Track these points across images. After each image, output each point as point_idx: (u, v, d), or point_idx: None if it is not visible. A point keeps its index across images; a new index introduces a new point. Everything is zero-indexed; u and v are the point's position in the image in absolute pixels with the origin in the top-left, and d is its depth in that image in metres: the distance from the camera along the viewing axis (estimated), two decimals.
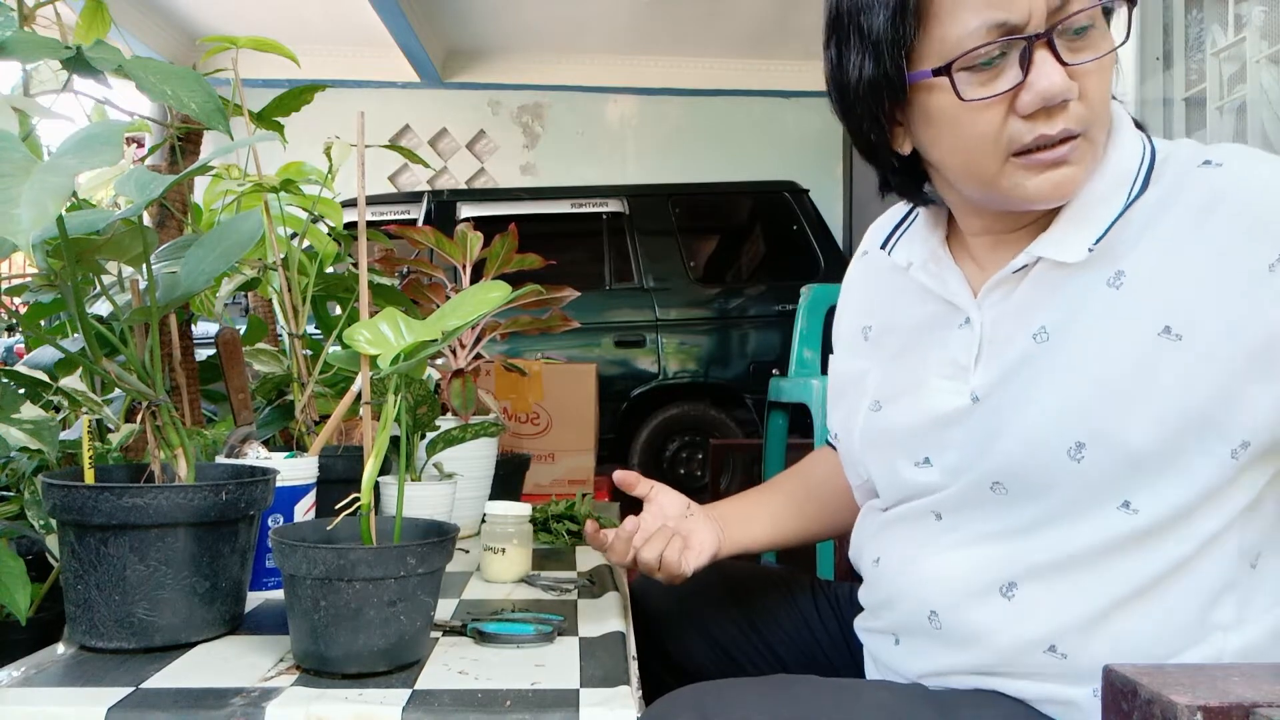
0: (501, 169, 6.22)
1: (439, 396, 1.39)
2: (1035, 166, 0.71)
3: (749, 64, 6.03)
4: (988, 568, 0.77)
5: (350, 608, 0.75)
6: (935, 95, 0.73)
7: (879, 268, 0.93)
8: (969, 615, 0.78)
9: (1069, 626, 0.73)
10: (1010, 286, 0.78)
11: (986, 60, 0.69)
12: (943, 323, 0.83)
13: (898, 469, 0.84)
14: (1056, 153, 0.71)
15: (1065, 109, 0.70)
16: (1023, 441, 0.73)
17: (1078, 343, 0.72)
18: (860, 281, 0.97)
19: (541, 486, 2.03)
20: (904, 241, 0.88)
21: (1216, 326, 0.67)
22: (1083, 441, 0.70)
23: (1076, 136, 0.71)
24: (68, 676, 0.76)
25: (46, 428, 0.97)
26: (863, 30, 0.73)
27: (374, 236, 1.48)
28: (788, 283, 4.06)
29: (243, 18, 5.36)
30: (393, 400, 0.82)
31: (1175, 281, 0.69)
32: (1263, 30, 1.86)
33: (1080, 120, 0.70)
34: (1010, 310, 0.77)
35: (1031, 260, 0.75)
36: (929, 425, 0.81)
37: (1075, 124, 0.70)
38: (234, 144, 0.82)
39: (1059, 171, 0.71)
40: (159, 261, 1.01)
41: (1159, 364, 0.69)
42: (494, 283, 0.84)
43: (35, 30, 0.96)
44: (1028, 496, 0.74)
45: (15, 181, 0.62)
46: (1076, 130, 0.70)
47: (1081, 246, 0.73)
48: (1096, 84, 0.70)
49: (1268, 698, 0.50)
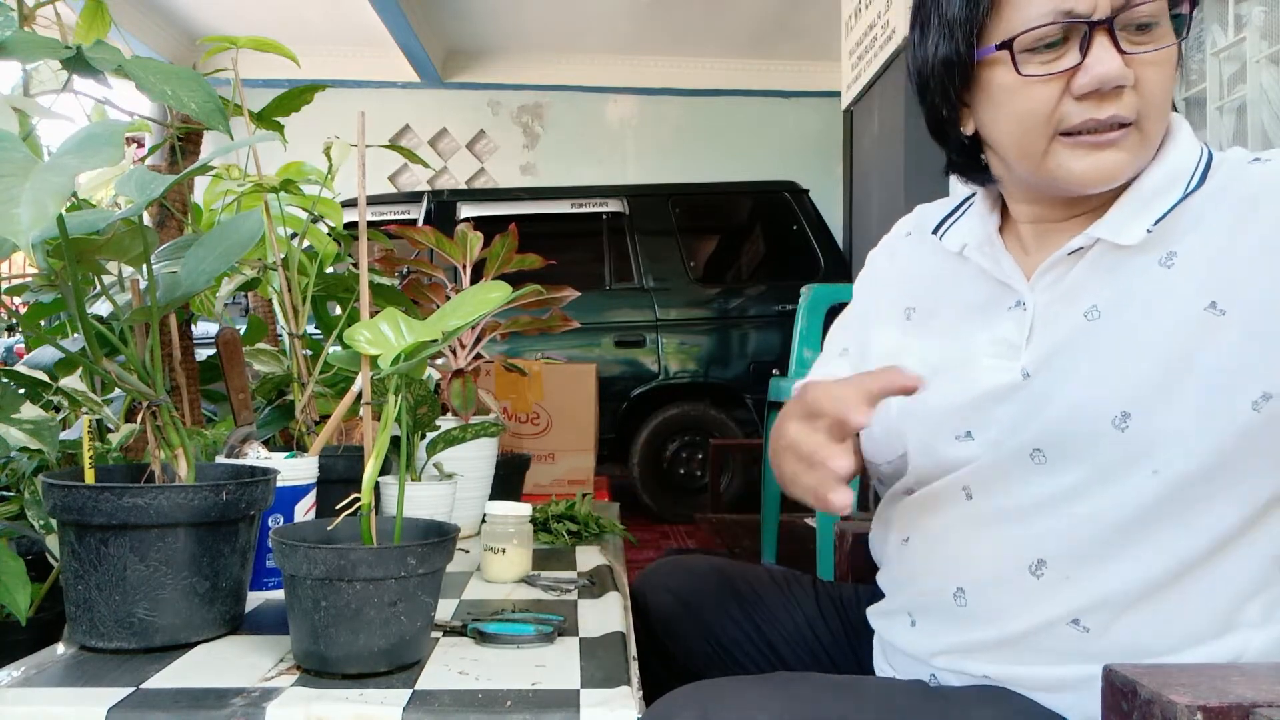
0: (501, 169, 6.22)
1: (439, 396, 1.39)
2: (1081, 148, 0.74)
3: (749, 64, 6.03)
4: (1019, 547, 0.78)
5: (350, 608, 0.75)
6: (998, 71, 0.77)
7: (923, 252, 0.94)
8: (995, 592, 0.79)
9: (1096, 602, 0.75)
10: (1064, 269, 0.80)
11: (1050, 42, 0.73)
12: (994, 304, 0.84)
13: (936, 444, 0.84)
14: (1104, 136, 0.73)
15: (1118, 96, 0.73)
16: (1069, 409, 0.75)
17: (1128, 318, 0.75)
18: (904, 262, 0.97)
19: (541, 486, 2.03)
20: (957, 229, 0.90)
21: (1259, 301, 0.70)
22: (1128, 411, 0.72)
23: (1127, 125, 0.73)
24: (68, 676, 0.76)
25: (46, 428, 0.97)
26: (942, 12, 0.79)
27: (374, 236, 1.48)
28: (788, 283, 4.07)
29: (243, 18, 5.36)
30: (393, 400, 0.82)
31: (1223, 263, 0.72)
32: (1263, 30, 1.86)
33: (1132, 109, 0.73)
34: (1063, 292, 0.79)
35: (1089, 243, 0.78)
36: (976, 401, 0.82)
37: (1127, 112, 0.73)
38: (234, 144, 0.82)
39: (1104, 155, 0.74)
40: (159, 261, 1.01)
41: (1204, 338, 0.71)
42: (494, 283, 0.84)
43: (35, 30, 0.96)
44: (1066, 464, 0.75)
45: (15, 181, 0.62)
46: (1127, 118, 0.73)
47: (1140, 229, 0.75)
48: (1154, 75, 0.73)
49: (1268, 698, 0.50)
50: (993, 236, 0.86)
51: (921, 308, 0.91)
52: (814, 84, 6.03)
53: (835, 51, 4.48)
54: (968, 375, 0.83)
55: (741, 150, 6.07)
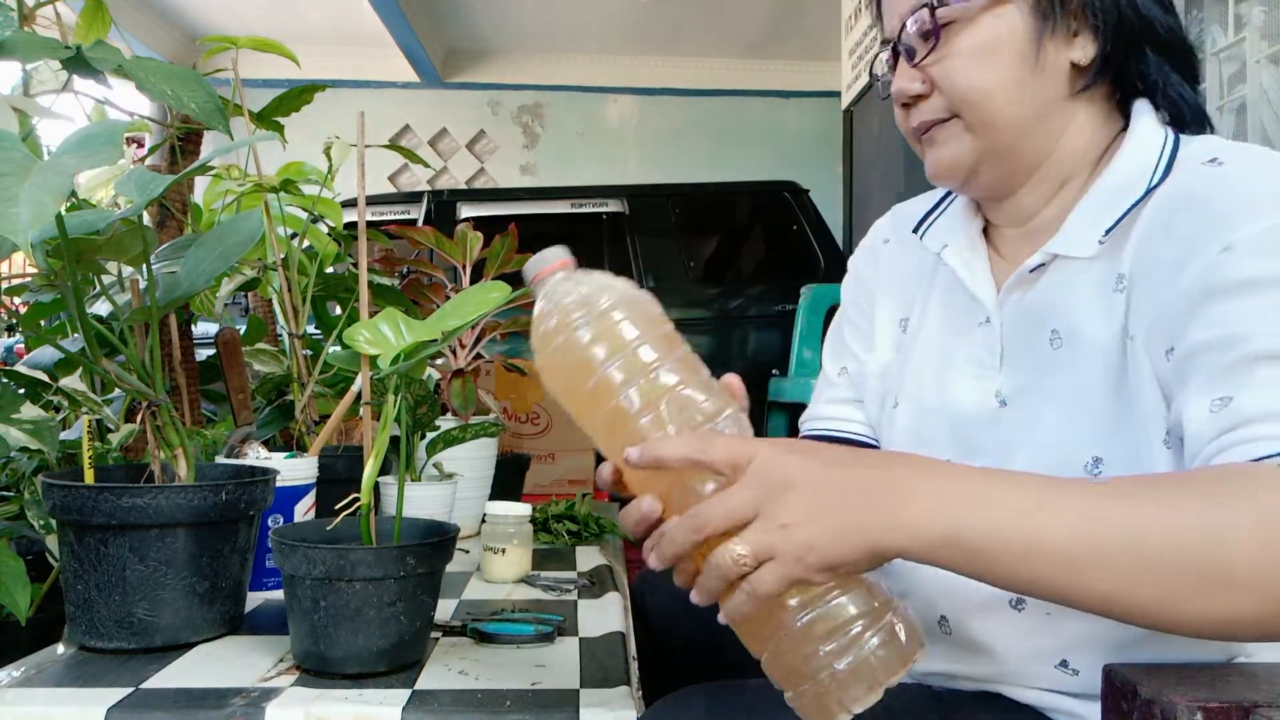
0: (501, 169, 6.22)
1: (439, 396, 1.39)
2: (924, 145, 0.80)
3: (749, 64, 6.03)
4: None
5: (350, 608, 0.75)
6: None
7: (906, 255, 0.92)
8: (979, 624, 0.76)
9: (1080, 641, 0.72)
10: (1028, 286, 0.77)
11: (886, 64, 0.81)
12: (967, 317, 0.82)
13: None
14: (928, 135, 0.79)
15: (919, 103, 0.78)
16: (1041, 456, 0.72)
17: (1086, 350, 0.71)
18: (890, 270, 0.93)
19: (541, 486, 2.03)
20: (938, 226, 0.87)
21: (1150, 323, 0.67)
22: (1100, 457, 0.69)
23: (947, 120, 0.77)
24: (68, 676, 0.76)
25: (46, 428, 0.97)
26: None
27: (374, 236, 1.48)
28: (788, 283, 4.06)
29: (243, 18, 5.36)
30: (393, 400, 0.82)
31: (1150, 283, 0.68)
32: (1263, 30, 1.86)
33: (939, 109, 0.77)
34: (1026, 311, 0.77)
35: (1047, 259, 0.75)
36: (957, 425, 0.80)
37: (932, 114, 0.77)
38: (234, 144, 0.82)
39: (934, 151, 0.79)
40: (159, 261, 1.01)
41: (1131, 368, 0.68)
42: (494, 283, 0.84)
43: (35, 30, 0.96)
44: None
45: (15, 181, 0.62)
46: (937, 118, 0.77)
47: (1092, 239, 0.72)
48: (949, 72, 0.75)
49: (1268, 698, 0.50)
50: (975, 240, 0.83)
51: (914, 317, 0.89)
52: (814, 84, 6.03)
53: (835, 51, 4.47)
54: (948, 395, 0.81)
55: (741, 150, 6.06)
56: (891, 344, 0.90)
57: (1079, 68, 0.75)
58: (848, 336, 0.96)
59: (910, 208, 0.94)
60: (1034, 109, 0.75)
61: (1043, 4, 0.73)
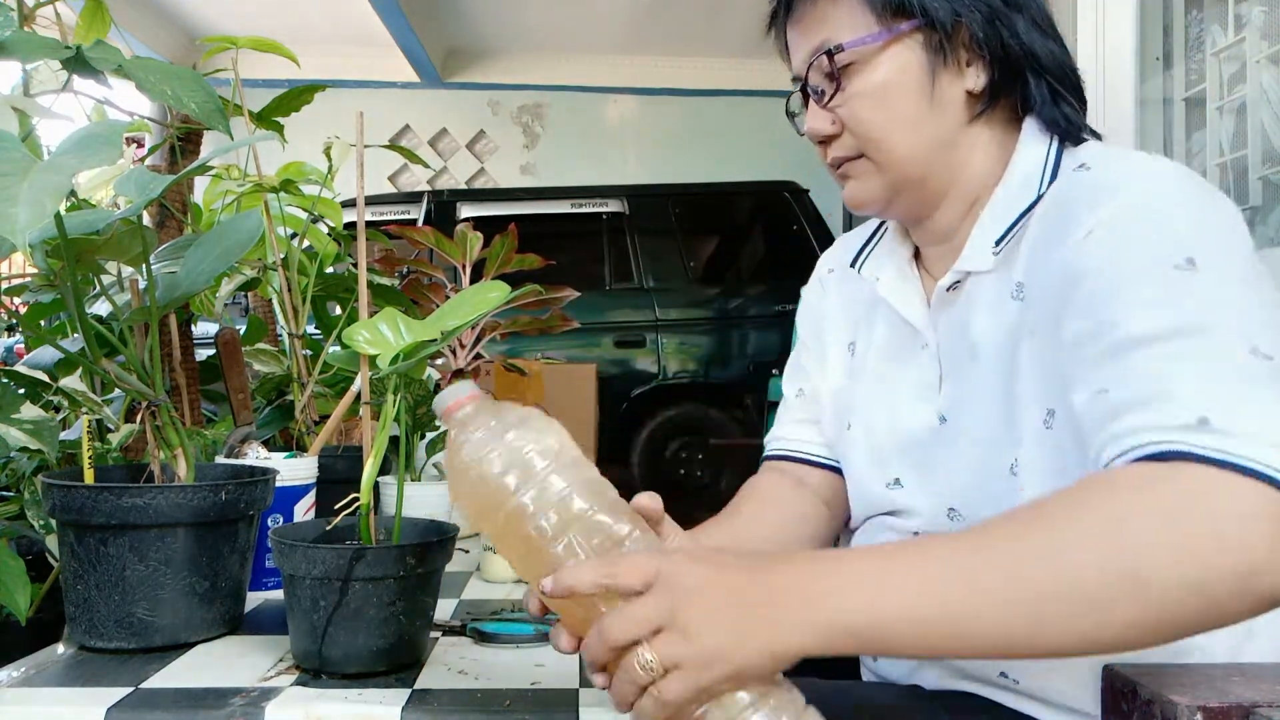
0: (501, 169, 6.22)
1: None
2: (840, 179, 0.83)
3: (749, 64, 6.03)
4: None
5: (350, 608, 0.75)
6: None
7: (848, 287, 0.95)
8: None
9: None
10: (950, 304, 0.81)
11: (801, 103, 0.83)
12: (908, 343, 0.85)
13: (870, 486, 0.86)
14: (840, 171, 0.82)
15: (832, 140, 0.80)
16: (970, 465, 0.76)
17: (996, 359, 0.75)
18: (835, 298, 0.97)
19: None
20: (873, 258, 0.90)
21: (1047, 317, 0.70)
22: (1016, 458, 0.72)
23: (858, 158, 0.80)
24: (68, 676, 0.76)
25: (46, 428, 0.97)
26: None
27: (374, 236, 1.48)
28: (787, 283, 4.06)
29: (243, 18, 5.36)
30: (392, 400, 0.82)
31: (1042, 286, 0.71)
32: (1263, 30, 1.86)
33: (849, 148, 0.80)
34: (953, 328, 0.80)
35: (960, 276, 0.79)
36: (902, 445, 0.83)
37: (844, 151, 0.80)
38: (234, 144, 0.82)
39: (848, 185, 0.82)
40: (159, 261, 1.01)
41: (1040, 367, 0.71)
42: (493, 283, 0.84)
43: (35, 30, 0.96)
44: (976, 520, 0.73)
45: (14, 181, 0.62)
46: (848, 155, 0.80)
47: (988, 252, 0.76)
48: (857, 115, 0.78)
49: (1268, 698, 0.50)
50: (904, 268, 0.87)
51: (860, 342, 0.92)
52: None
53: None
54: (895, 418, 0.84)
55: (741, 150, 6.06)
56: (842, 369, 0.93)
57: (973, 95, 0.78)
58: (803, 360, 1.00)
59: (852, 238, 0.97)
60: (936, 139, 0.78)
61: (934, 40, 0.76)
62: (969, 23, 0.76)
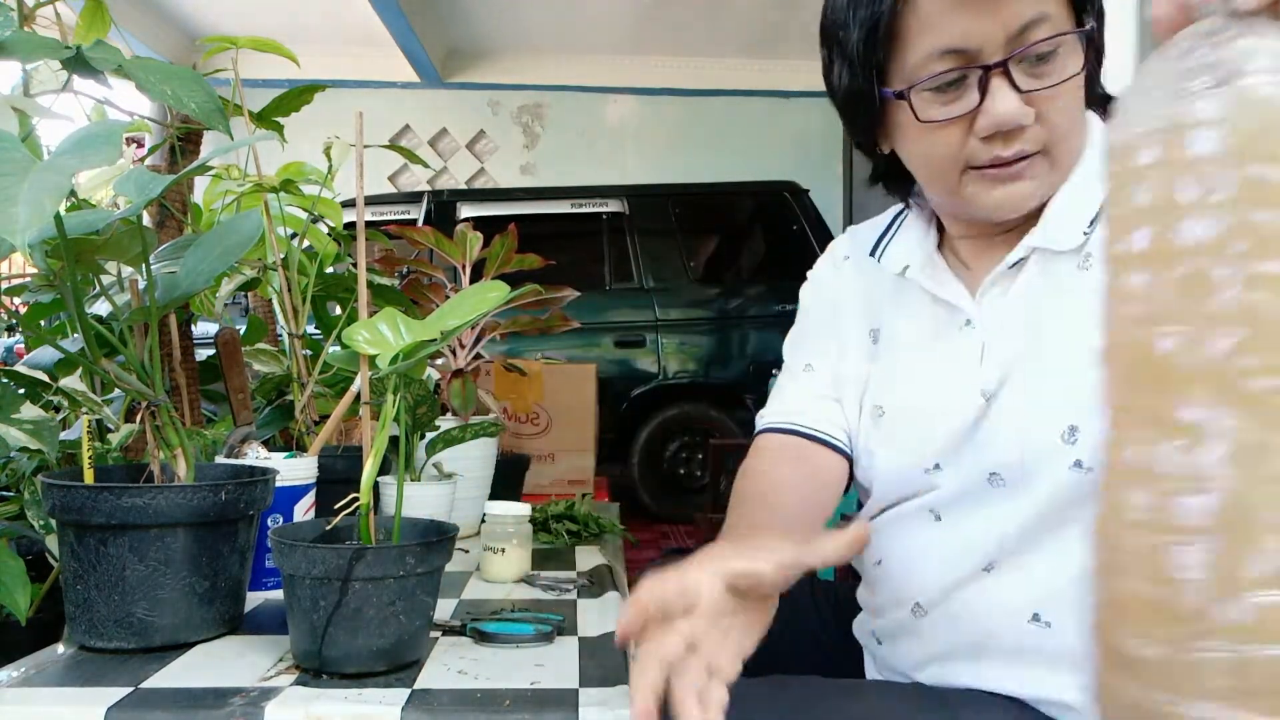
0: (501, 169, 6.22)
1: (438, 396, 1.39)
2: (991, 180, 0.75)
3: (749, 64, 6.03)
4: (972, 553, 0.78)
5: (349, 608, 0.75)
6: (901, 113, 0.77)
7: (870, 274, 0.93)
8: (952, 596, 0.80)
9: (1047, 593, 0.75)
10: (1007, 283, 0.80)
11: (948, 83, 0.73)
12: (944, 325, 0.84)
13: (907, 473, 0.84)
14: (1012, 169, 0.74)
15: (1021, 132, 0.72)
16: (1020, 433, 0.75)
17: (1065, 328, 0.75)
18: (854, 284, 0.94)
19: (541, 486, 2.03)
20: (894, 247, 0.89)
21: None
22: (1075, 425, 0.73)
23: (1034, 154, 0.74)
24: (68, 676, 0.76)
25: (46, 428, 0.97)
26: (843, 45, 0.78)
27: (374, 236, 1.48)
28: (788, 283, 4.04)
29: (243, 18, 5.36)
30: (392, 400, 0.82)
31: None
32: None
33: (1037, 141, 0.73)
34: (1006, 307, 0.79)
35: (1027, 253, 0.78)
36: (941, 428, 0.81)
37: (1032, 145, 0.73)
38: (234, 144, 0.82)
39: (1014, 186, 0.75)
40: (159, 261, 1.01)
41: None
42: (493, 283, 0.84)
43: (35, 30, 0.96)
44: (1020, 483, 0.76)
45: (13, 181, 0.62)
46: (1032, 150, 0.73)
47: (1077, 231, 0.75)
48: (1058, 107, 0.72)
49: None
50: (933, 256, 0.85)
51: (885, 329, 0.90)
52: (814, 84, 5.93)
53: None
54: (931, 404, 0.82)
55: (741, 150, 6.06)
56: (863, 354, 0.91)
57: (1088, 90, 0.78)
58: (813, 337, 0.96)
59: (864, 231, 0.95)
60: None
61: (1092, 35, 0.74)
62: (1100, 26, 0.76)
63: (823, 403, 0.92)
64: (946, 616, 0.80)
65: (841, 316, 0.94)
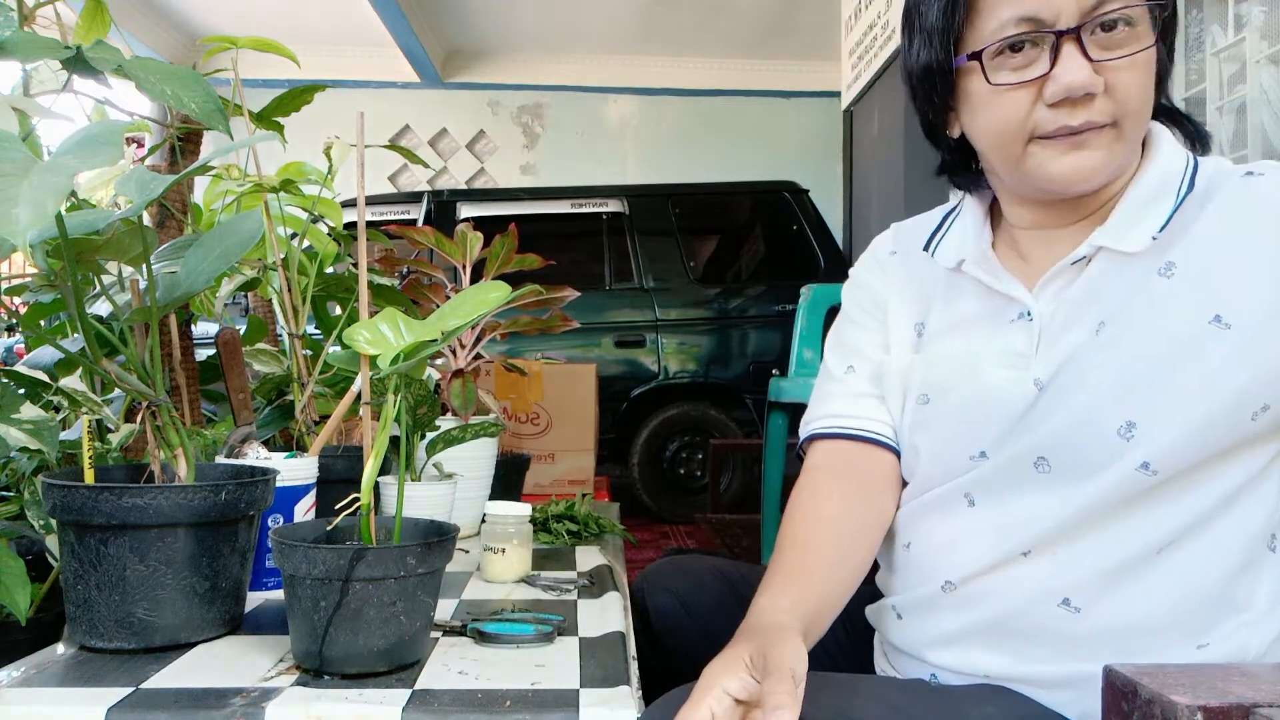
0: (501, 169, 6.22)
1: (439, 396, 1.39)
2: (1056, 147, 0.76)
3: (749, 64, 6.03)
4: (1009, 537, 0.79)
5: (350, 608, 0.75)
6: (973, 79, 0.79)
7: (920, 268, 0.94)
8: (984, 578, 0.81)
9: (1083, 580, 0.76)
10: (1070, 278, 0.81)
11: (1019, 46, 0.75)
12: (996, 316, 0.85)
13: (950, 459, 0.85)
14: (1080, 137, 0.75)
15: (1090, 102, 0.74)
16: (1075, 420, 0.76)
17: (1132, 328, 0.75)
18: (901, 279, 0.95)
19: (541, 486, 2.03)
20: (947, 242, 0.90)
21: (1263, 317, 0.72)
22: (1134, 421, 0.73)
23: (1102, 126, 0.75)
24: (68, 676, 0.76)
25: (46, 428, 0.97)
26: (922, 21, 0.81)
27: (374, 236, 1.48)
28: (788, 283, 4.06)
29: (243, 18, 5.36)
30: (392, 400, 0.82)
31: (1225, 274, 0.73)
32: (1263, 30, 1.86)
33: (1106, 113, 0.74)
34: (1069, 301, 0.80)
35: (1092, 251, 0.78)
36: (990, 415, 0.82)
37: (1100, 116, 0.74)
38: (234, 144, 0.82)
39: (1081, 155, 0.75)
40: (159, 261, 1.01)
41: (1208, 349, 0.72)
42: (493, 283, 0.84)
43: (35, 30, 0.96)
44: (1067, 471, 0.77)
45: (14, 181, 0.62)
46: (1101, 122, 0.74)
47: (1145, 235, 0.76)
48: (1128, 80, 0.74)
49: (1268, 698, 0.50)
50: (987, 252, 0.86)
51: (931, 323, 0.91)
52: (814, 84, 6.03)
53: (835, 51, 4.47)
54: (980, 391, 0.83)
55: (741, 150, 6.06)
56: (909, 346, 0.92)
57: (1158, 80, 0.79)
58: (855, 338, 0.97)
59: (910, 226, 0.97)
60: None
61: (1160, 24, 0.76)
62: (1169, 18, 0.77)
63: (866, 401, 0.92)
64: (977, 594, 0.81)
65: (887, 313, 0.95)
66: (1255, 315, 0.72)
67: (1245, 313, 0.72)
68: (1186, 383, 0.73)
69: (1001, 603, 0.79)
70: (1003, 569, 0.80)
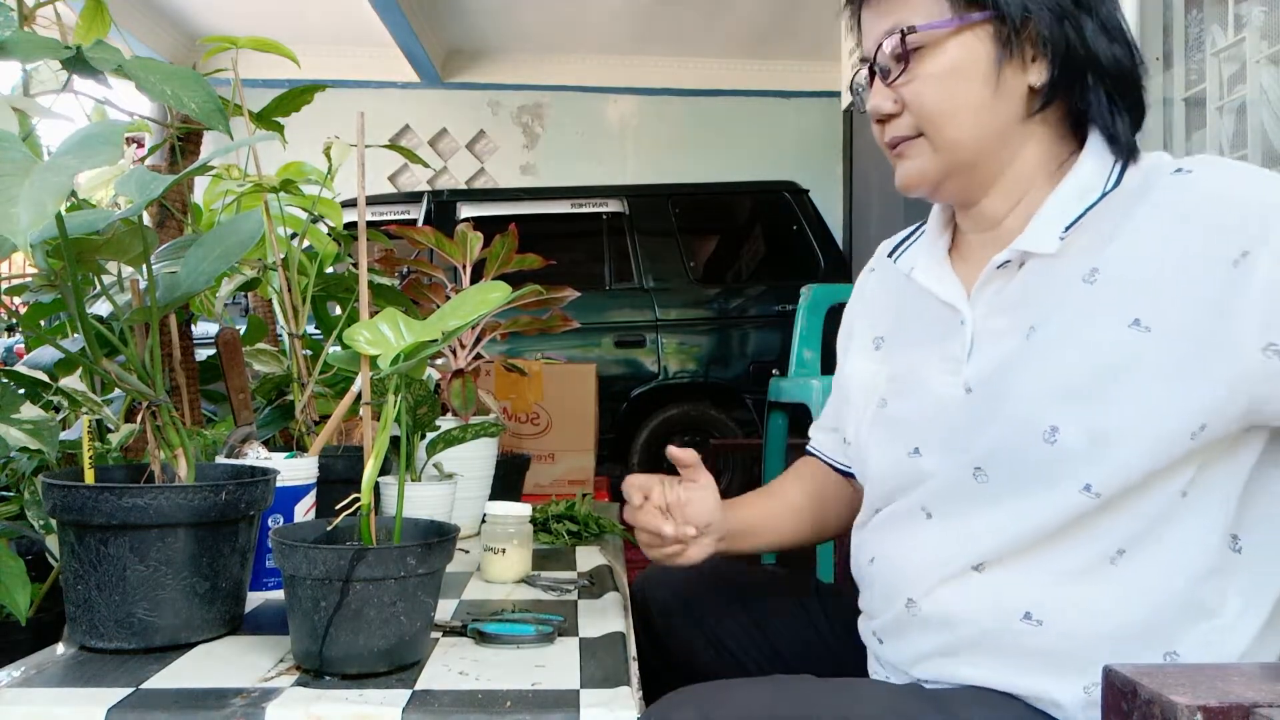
0: (501, 169, 6.21)
1: (439, 396, 1.39)
2: (895, 158, 0.87)
3: (749, 64, 6.03)
4: (961, 551, 0.80)
5: (350, 608, 0.75)
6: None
7: (889, 279, 1.00)
8: (942, 594, 0.81)
9: (1039, 593, 0.77)
10: (1002, 283, 0.83)
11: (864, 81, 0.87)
12: (943, 322, 0.87)
13: (893, 458, 0.88)
14: (896, 150, 0.86)
15: (892, 120, 0.85)
16: (1003, 427, 0.77)
17: (1057, 334, 0.77)
18: (873, 293, 1.03)
19: (541, 486, 2.03)
20: (910, 251, 0.95)
21: (1182, 319, 0.71)
22: (1056, 425, 0.74)
23: (915, 137, 0.84)
24: (68, 676, 0.76)
25: (46, 428, 0.97)
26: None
27: (374, 236, 1.48)
28: (788, 283, 4.06)
29: (243, 18, 5.36)
30: (393, 400, 0.82)
31: (1146, 278, 0.74)
32: (1263, 30, 1.86)
33: (909, 127, 0.84)
34: (999, 306, 0.82)
35: (1014, 256, 0.81)
36: (926, 416, 0.85)
37: (904, 130, 0.84)
38: (234, 144, 0.82)
39: (903, 164, 0.86)
40: (159, 261, 1.01)
41: (1129, 353, 0.73)
42: (494, 283, 0.84)
43: (35, 30, 0.96)
44: (1003, 480, 0.78)
45: (14, 181, 0.62)
46: (907, 135, 0.84)
47: (1053, 236, 0.79)
48: (919, 94, 0.82)
49: (1268, 698, 0.50)
50: (941, 257, 0.91)
51: (889, 334, 0.96)
52: (814, 84, 6.02)
53: (835, 51, 4.48)
54: (919, 391, 0.87)
55: (741, 150, 6.06)
56: (866, 358, 0.98)
57: (1034, 91, 0.81)
58: (839, 366, 1.07)
59: (895, 238, 1.02)
60: (993, 128, 0.82)
61: (1003, 33, 0.80)
62: (1038, 19, 0.79)
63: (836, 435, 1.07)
64: (939, 612, 0.81)
65: (854, 332, 1.02)
66: (1175, 317, 0.71)
67: (1165, 315, 0.72)
68: (1109, 388, 0.73)
69: (965, 621, 0.79)
70: (955, 582, 0.80)
